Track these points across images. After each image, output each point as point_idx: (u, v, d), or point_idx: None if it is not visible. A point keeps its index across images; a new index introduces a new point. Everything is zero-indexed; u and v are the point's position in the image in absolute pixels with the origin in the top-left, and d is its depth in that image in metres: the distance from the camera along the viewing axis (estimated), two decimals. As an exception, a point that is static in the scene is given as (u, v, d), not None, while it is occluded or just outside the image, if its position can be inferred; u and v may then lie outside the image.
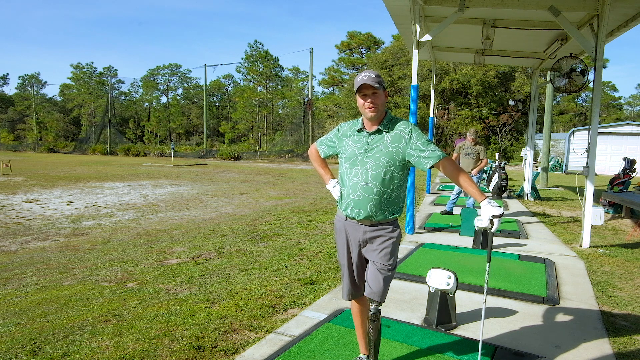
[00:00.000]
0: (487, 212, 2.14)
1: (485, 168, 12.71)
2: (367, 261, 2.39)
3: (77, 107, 57.23)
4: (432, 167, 2.22)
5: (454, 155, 7.89)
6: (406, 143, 2.24)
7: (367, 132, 2.30)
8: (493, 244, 5.69)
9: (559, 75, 7.36)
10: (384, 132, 2.28)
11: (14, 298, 3.91)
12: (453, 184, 11.33)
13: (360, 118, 2.38)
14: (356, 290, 2.46)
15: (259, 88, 47.31)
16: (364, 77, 2.20)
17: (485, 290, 2.45)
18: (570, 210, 9.37)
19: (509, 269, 4.65)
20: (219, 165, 29.12)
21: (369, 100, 2.22)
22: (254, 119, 47.21)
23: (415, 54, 6.43)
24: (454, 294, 3.18)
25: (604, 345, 2.97)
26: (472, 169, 7.64)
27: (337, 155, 2.47)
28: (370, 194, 2.25)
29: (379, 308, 2.33)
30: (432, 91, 11.42)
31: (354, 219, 2.33)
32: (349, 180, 2.31)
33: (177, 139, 56.87)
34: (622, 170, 9.91)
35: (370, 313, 2.33)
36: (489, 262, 2.43)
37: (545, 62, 10.05)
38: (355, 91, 2.26)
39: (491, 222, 2.14)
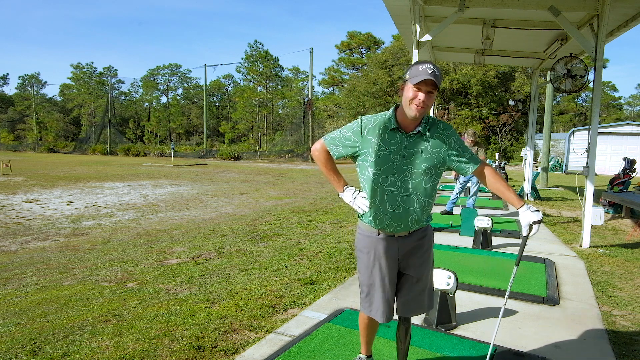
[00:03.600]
0: (526, 218, 2.02)
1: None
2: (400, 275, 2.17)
3: (77, 107, 57.26)
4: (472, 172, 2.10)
5: None
6: (447, 148, 2.04)
7: (405, 134, 2.00)
8: (493, 244, 5.72)
9: (559, 76, 7.35)
10: (425, 135, 2.01)
11: (14, 298, 3.91)
12: (453, 184, 11.33)
13: (389, 114, 2.04)
14: (391, 309, 2.16)
15: (259, 88, 47.33)
16: (429, 69, 1.87)
17: (507, 294, 2.28)
18: (570, 210, 9.37)
19: (509, 269, 4.65)
20: (219, 165, 29.12)
21: (422, 97, 1.90)
22: (254, 119, 47.21)
23: (415, 54, 6.44)
24: (454, 294, 3.18)
25: (604, 345, 2.97)
26: None
27: (351, 156, 2.10)
28: (412, 205, 2.02)
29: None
30: (432, 91, 11.40)
31: (391, 233, 2.07)
32: (383, 190, 2.01)
33: (177, 139, 56.86)
34: (622, 170, 9.91)
35: (403, 319, 2.22)
36: (517, 265, 2.27)
37: (545, 62, 10.04)
38: (409, 80, 1.92)
39: (530, 227, 2.04)
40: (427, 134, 2.02)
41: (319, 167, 2.22)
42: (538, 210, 2.04)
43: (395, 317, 2.21)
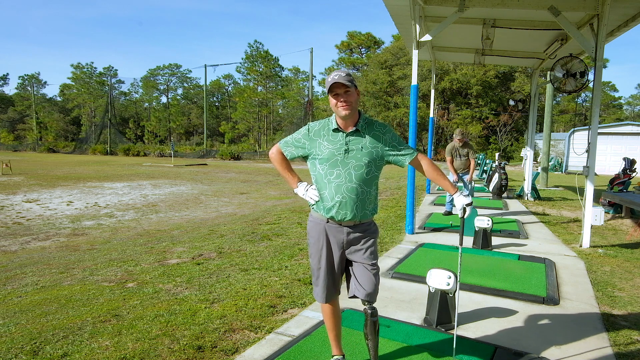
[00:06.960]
0: (460, 202, 2.40)
1: (485, 168, 12.68)
2: (347, 263, 2.42)
3: (77, 107, 57.20)
4: (409, 163, 2.39)
5: (448, 158, 7.55)
6: (383, 144, 2.33)
7: (345, 133, 2.29)
8: (493, 244, 5.73)
9: (559, 76, 7.35)
10: (363, 133, 2.30)
11: (14, 298, 3.91)
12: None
13: (332, 118, 2.35)
14: (334, 292, 2.46)
15: (259, 88, 47.31)
16: (335, 76, 2.20)
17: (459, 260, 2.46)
18: (570, 210, 9.37)
19: (509, 269, 4.65)
20: (219, 165, 29.12)
21: (341, 99, 2.21)
22: (254, 119, 47.20)
23: (415, 54, 6.43)
24: (454, 294, 3.17)
25: (604, 345, 2.97)
26: (463, 170, 7.55)
27: (303, 157, 2.40)
28: (355, 194, 2.27)
29: (374, 306, 2.38)
30: (432, 91, 11.42)
31: (338, 221, 2.32)
32: (330, 182, 2.28)
33: (177, 139, 56.85)
34: (622, 170, 9.91)
35: (370, 314, 2.35)
36: (461, 245, 2.61)
37: (545, 62, 10.05)
38: (327, 91, 2.24)
39: (464, 210, 2.41)
40: (365, 131, 2.31)
41: (275, 167, 2.56)
42: (468, 195, 2.39)
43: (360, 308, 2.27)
